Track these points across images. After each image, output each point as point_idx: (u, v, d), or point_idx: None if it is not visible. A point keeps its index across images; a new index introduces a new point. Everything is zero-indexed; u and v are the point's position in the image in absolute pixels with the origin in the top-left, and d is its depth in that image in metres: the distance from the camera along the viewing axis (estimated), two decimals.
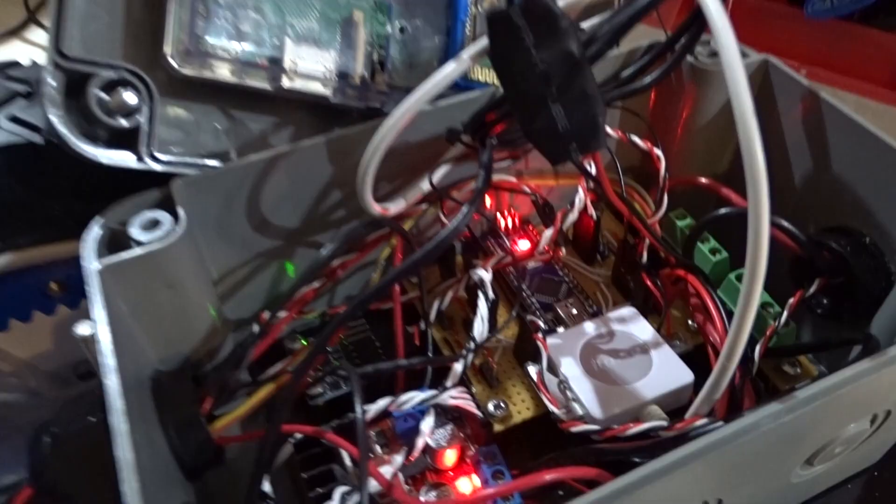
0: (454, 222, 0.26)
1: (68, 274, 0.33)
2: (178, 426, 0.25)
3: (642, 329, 0.30)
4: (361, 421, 0.23)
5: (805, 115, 0.32)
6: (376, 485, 0.23)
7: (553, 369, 0.28)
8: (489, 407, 0.29)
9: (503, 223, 0.36)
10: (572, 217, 0.31)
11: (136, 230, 0.26)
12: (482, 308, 0.28)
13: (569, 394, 0.27)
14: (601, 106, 0.25)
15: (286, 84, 0.30)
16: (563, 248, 0.35)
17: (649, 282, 0.31)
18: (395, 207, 0.30)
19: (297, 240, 0.32)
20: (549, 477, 0.22)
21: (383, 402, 0.26)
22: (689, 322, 0.32)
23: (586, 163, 0.28)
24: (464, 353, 0.27)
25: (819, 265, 0.30)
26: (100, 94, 0.27)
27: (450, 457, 0.27)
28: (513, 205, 0.36)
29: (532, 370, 0.29)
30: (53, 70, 0.26)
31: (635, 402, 0.27)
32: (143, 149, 0.28)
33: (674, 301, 0.31)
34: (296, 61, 0.30)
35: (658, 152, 0.32)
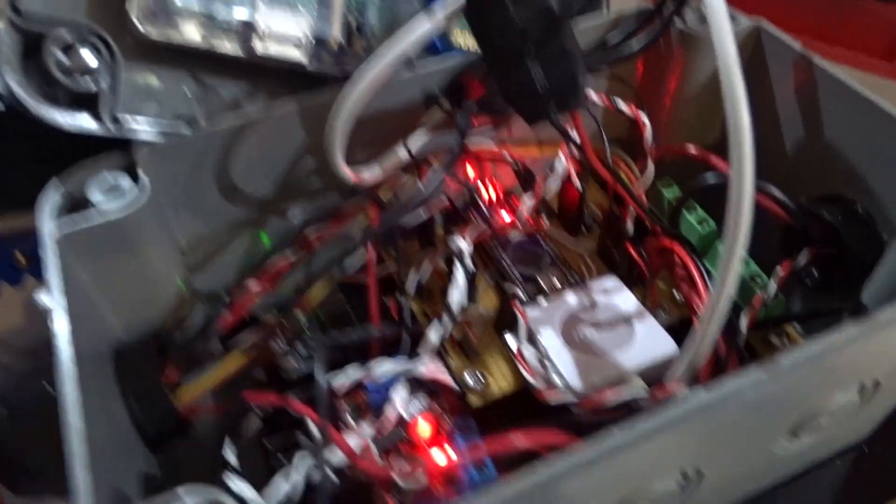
0: (426, 185, 0.25)
1: (35, 245, 0.32)
2: (139, 396, 0.24)
3: (625, 300, 0.29)
4: (322, 387, 0.22)
5: (798, 82, 0.31)
6: (343, 456, 0.22)
7: (533, 340, 0.28)
8: (466, 378, 0.28)
9: (486, 196, 0.35)
10: (554, 182, 0.30)
11: (96, 195, 0.25)
12: (459, 276, 0.27)
13: (548, 364, 0.26)
14: (580, 64, 0.24)
15: (259, 49, 0.29)
16: (548, 221, 0.34)
17: (634, 252, 0.30)
18: (369, 173, 0.29)
19: (270, 209, 0.31)
20: (519, 442, 0.21)
21: (354, 373, 0.25)
22: (675, 294, 0.31)
23: (568, 128, 0.27)
24: (437, 320, 0.26)
25: (810, 234, 0.29)
26: (58, 53, 0.26)
27: (424, 429, 0.26)
28: (496, 174, 0.35)
29: (511, 340, 0.28)
30: (9, 29, 0.25)
31: (616, 373, 0.26)
32: (106, 112, 0.27)
33: (659, 272, 0.31)
34: (269, 24, 0.29)
35: (644, 118, 0.31)
